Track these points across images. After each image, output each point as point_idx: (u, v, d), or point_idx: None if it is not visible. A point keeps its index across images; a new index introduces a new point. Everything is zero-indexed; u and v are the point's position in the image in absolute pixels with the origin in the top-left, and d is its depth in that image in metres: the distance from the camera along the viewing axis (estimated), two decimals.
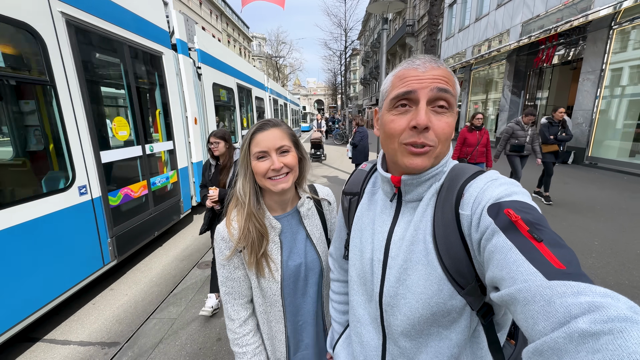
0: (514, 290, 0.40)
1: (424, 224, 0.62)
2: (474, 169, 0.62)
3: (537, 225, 0.45)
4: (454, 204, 0.58)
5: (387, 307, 0.65)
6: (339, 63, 32.87)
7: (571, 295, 0.35)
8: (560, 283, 0.37)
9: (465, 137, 4.85)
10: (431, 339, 0.62)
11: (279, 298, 0.92)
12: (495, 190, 0.53)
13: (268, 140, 0.85)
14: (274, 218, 0.92)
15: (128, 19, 3.33)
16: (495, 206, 0.50)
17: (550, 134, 5.19)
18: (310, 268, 0.96)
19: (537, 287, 0.38)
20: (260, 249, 0.88)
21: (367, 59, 40.85)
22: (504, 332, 0.63)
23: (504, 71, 12.25)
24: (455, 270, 0.56)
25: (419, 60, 0.61)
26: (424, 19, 18.94)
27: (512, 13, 10.95)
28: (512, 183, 0.55)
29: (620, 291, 2.30)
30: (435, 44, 5.64)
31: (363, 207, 0.77)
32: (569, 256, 0.41)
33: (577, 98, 8.60)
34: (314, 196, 1.01)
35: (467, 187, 0.58)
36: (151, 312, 2.70)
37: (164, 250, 4.02)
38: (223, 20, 40.00)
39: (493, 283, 0.46)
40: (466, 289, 0.56)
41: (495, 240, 0.46)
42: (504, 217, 0.47)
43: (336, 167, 9.52)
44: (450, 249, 0.57)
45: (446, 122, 0.59)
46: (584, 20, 7.68)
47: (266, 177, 0.85)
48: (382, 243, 0.67)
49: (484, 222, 0.50)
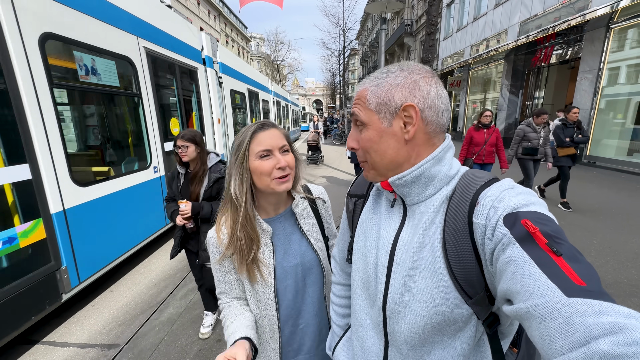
0: (529, 305, 0.39)
1: (432, 231, 0.60)
2: (487, 175, 0.60)
3: (555, 239, 0.43)
4: (467, 211, 0.56)
5: (391, 314, 0.64)
6: (338, 63, 32.86)
7: (592, 314, 0.34)
8: (580, 301, 0.35)
9: (471, 136, 4.60)
10: (435, 347, 0.61)
11: (272, 302, 0.90)
12: (512, 199, 0.51)
13: (272, 139, 0.84)
14: (264, 221, 0.90)
15: (179, 46, 4.51)
16: (512, 216, 0.48)
17: (566, 136, 4.78)
18: (308, 268, 0.95)
19: (555, 304, 0.37)
20: (250, 255, 0.86)
21: (365, 59, 40.88)
22: (507, 340, 0.62)
23: (502, 71, 12.28)
24: (464, 279, 0.55)
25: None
26: (422, 19, 18.97)
27: (510, 12, 10.98)
28: (529, 193, 0.53)
29: (618, 290, 2.30)
30: (433, 44, 5.66)
31: (368, 210, 0.76)
32: (590, 272, 0.39)
33: (575, 97, 8.63)
34: (308, 195, 1.00)
35: (481, 194, 0.56)
36: (151, 313, 2.69)
37: (163, 252, 4.01)
38: (221, 21, 39.95)
39: (506, 295, 0.45)
40: (474, 299, 0.55)
41: (510, 251, 0.45)
42: (521, 228, 0.45)
43: (335, 167, 9.52)
44: (461, 258, 0.55)
45: (364, 136, 0.65)
46: (581, 20, 7.71)
47: (272, 177, 0.84)
48: (388, 248, 0.66)
49: (499, 232, 0.48)
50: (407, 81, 0.60)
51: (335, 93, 44.69)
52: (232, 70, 6.77)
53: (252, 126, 0.87)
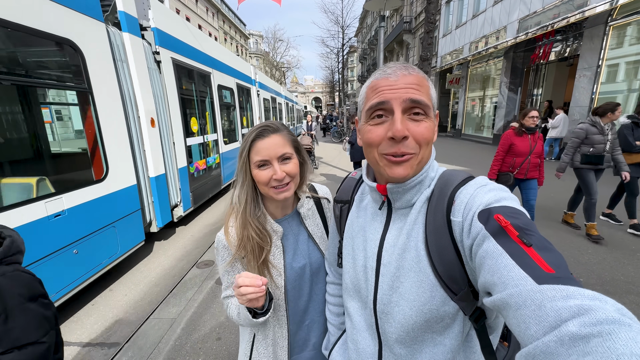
0: (505, 295, 0.41)
1: (415, 232, 0.62)
2: (462, 174, 0.62)
3: (526, 231, 0.45)
4: (445, 210, 0.58)
5: (381, 315, 0.66)
6: (337, 60, 32.74)
7: (561, 299, 0.36)
8: (550, 287, 0.37)
9: (512, 144, 3.44)
10: (425, 345, 0.62)
11: (282, 303, 0.91)
12: (485, 196, 0.54)
13: (269, 149, 0.83)
14: (275, 222, 0.91)
15: (240, 75, 6.33)
16: (486, 212, 0.51)
17: (636, 138, 3.69)
18: (316, 268, 0.96)
19: (528, 292, 0.38)
20: (261, 256, 0.87)
21: (364, 56, 40.73)
22: (496, 334, 0.64)
23: (501, 68, 12.27)
24: (448, 277, 0.57)
25: (390, 69, 0.61)
26: (421, 16, 18.89)
27: (509, 9, 10.95)
28: (501, 189, 0.56)
29: (615, 286, 2.32)
30: (432, 41, 5.64)
31: (353, 215, 0.78)
32: (558, 260, 0.41)
33: (574, 94, 8.63)
34: (313, 195, 1.01)
35: (457, 193, 0.59)
36: (151, 312, 2.71)
37: (163, 250, 4.02)
38: (219, 18, 39.72)
39: (485, 288, 0.47)
40: (459, 295, 0.57)
41: (486, 245, 0.47)
42: (494, 223, 0.48)
43: (334, 165, 9.52)
44: (443, 256, 0.57)
45: (425, 126, 0.59)
46: (580, 17, 7.70)
47: (269, 186, 0.84)
48: (375, 250, 0.68)
49: (475, 228, 0.51)
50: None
51: (334, 91, 44.56)
52: (265, 86, 7.83)
53: (254, 132, 0.86)
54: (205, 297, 2.85)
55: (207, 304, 2.76)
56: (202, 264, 3.48)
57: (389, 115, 0.59)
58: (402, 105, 0.58)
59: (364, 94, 0.65)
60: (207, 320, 2.54)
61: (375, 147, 0.62)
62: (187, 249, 4.06)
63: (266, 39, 47.51)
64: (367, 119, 0.63)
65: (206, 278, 3.17)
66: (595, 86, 8.01)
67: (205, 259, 3.59)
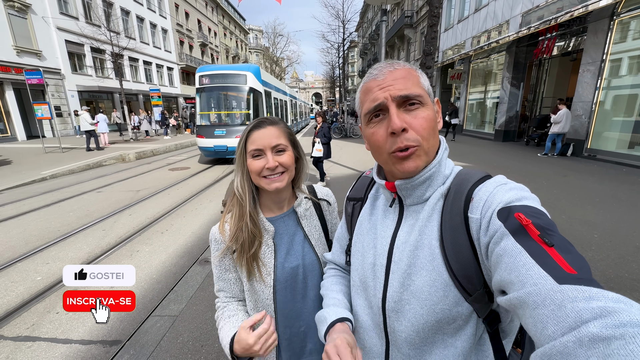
0: (523, 294, 0.40)
1: (429, 229, 0.61)
2: (480, 173, 0.62)
3: (547, 231, 0.44)
4: (463, 207, 0.58)
5: (390, 313, 0.64)
6: (337, 55, 32.55)
7: (583, 300, 0.35)
8: (571, 287, 0.36)
9: None
10: (436, 346, 0.61)
11: (271, 302, 0.90)
12: (505, 194, 0.53)
13: (264, 139, 0.85)
14: (267, 220, 0.91)
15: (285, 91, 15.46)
16: (505, 210, 0.50)
17: None
18: (309, 270, 0.94)
19: (548, 291, 0.37)
20: (251, 250, 0.87)
21: (365, 51, 40.46)
22: (509, 339, 0.62)
23: (503, 63, 12.17)
24: (463, 276, 0.56)
25: (376, 69, 0.64)
26: (423, 10, 18.71)
27: (512, 3, 10.82)
28: (522, 188, 0.55)
29: (619, 284, 2.30)
30: (435, 35, 5.56)
31: (365, 212, 0.77)
32: (580, 262, 0.40)
33: (577, 89, 8.56)
34: (312, 197, 1.00)
35: (476, 190, 0.58)
36: (152, 309, 2.70)
37: (164, 247, 4.01)
38: (219, 13, 39.44)
39: (501, 287, 0.46)
40: (474, 296, 0.56)
41: (504, 243, 0.46)
42: (514, 221, 0.47)
43: (335, 162, 9.48)
44: (459, 254, 0.56)
45: (422, 117, 0.60)
46: (584, 11, 7.60)
47: (261, 175, 0.85)
48: (385, 248, 0.67)
49: (493, 226, 0.50)
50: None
51: (334, 86, 44.34)
52: (293, 96, 13.80)
53: (252, 123, 0.89)
54: (207, 295, 2.83)
55: (209, 301, 2.74)
56: (203, 260, 3.47)
57: (386, 113, 0.61)
58: (395, 101, 0.60)
59: (358, 99, 0.68)
60: (209, 317, 2.52)
61: (382, 148, 0.62)
62: (188, 245, 4.05)
63: (266, 34, 47.26)
64: (368, 122, 0.65)
65: (208, 275, 3.15)
66: (599, 81, 7.94)
67: (207, 256, 3.58)
